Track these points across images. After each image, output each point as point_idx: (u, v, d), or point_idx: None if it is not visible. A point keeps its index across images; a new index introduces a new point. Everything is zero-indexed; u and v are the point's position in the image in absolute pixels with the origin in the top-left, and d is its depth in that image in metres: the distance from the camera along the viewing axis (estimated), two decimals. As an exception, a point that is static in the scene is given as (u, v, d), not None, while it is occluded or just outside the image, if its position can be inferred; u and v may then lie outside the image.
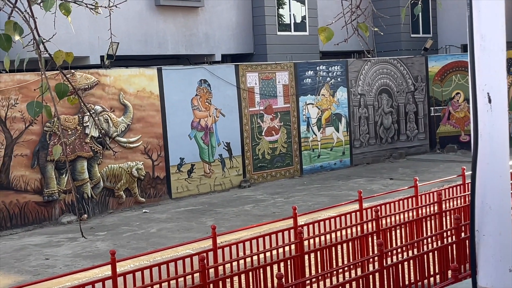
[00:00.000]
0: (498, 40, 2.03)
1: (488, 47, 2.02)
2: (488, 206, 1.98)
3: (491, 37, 2.01)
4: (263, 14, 20.25)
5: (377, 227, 10.10)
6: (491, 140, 1.99)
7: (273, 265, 8.71)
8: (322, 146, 20.00)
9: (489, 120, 2.00)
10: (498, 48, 2.02)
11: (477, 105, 2.02)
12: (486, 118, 2.01)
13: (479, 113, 2.02)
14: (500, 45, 2.02)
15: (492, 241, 1.98)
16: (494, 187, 1.99)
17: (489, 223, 1.99)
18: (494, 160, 2.00)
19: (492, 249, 1.98)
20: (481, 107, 2.03)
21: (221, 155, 17.63)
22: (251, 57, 20.55)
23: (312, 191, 16.82)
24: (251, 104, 18.30)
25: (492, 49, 2.02)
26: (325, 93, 20.06)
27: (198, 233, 12.62)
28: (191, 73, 17.13)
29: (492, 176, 2.00)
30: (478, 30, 2.02)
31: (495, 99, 2.02)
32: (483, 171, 2.00)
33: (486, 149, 2.00)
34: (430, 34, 24.80)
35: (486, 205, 1.98)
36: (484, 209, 1.98)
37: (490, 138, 1.99)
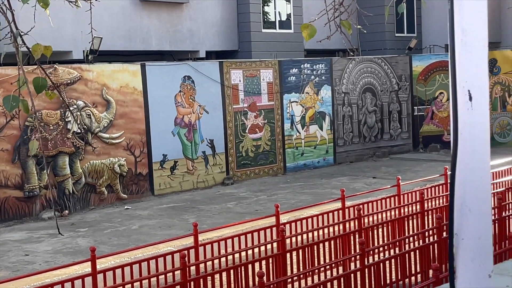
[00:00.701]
0: (480, 35, 1.95)
1: (470, 42, 1.94)
2: (468, 208, 1.89)
3: (472, 31, 1.94)
4: (248, 11, 20.19)
5: (359, 226, 10.10)
6: (472, 140, 1.92)
7: (255, 263, 8.68)
8: (306, 144, 20.00)
9: (469, 119, 1.92)
10: (480, 44, 1.95)
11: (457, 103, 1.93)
12: (467, 117, 1.92)
13: (459, 111, 1.94)
14: (482, 40, 1.95)
15: (472, 245, 1.90)
16: (474, 189, 1.91)
17: (468, 226, 1.91)
18: (475, 161, 1.91)
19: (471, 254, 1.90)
20: (461, 105, 1.94)
21: (204, 152, 17.57)
22: (236, 54, 20.49)
23: (295, 189, 16.81)
24: (235, 101, 18.25)
25: (473, 44, 1.94)
26: (309, 91, 20.05)
27: (180, 230, 12.56)
28: (175, 69, 17.04)
29: (472, 177, 1.91)
30: (459, 25, 1.94)
31: (476, 96, 1.94)
32: (462, 172, 1.91)
33: (466, 149, 1.91)
34: (415, 33, 24.88)
35: (465, 207, 1.90)
36: (463, 211, 1.90)
37: (471, 137, 1.92)
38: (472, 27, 1.94)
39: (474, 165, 1.92)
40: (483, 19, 1.94)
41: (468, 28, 1.93)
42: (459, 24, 1.93)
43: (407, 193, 12.49)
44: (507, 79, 22.85)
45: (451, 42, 1.94)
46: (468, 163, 1.91)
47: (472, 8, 1.91)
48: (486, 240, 1.90)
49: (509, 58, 22.87)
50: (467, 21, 1.93)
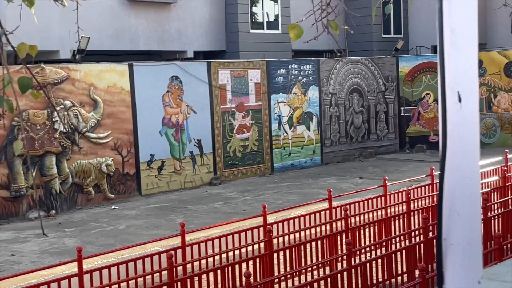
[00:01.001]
0: (470, 35, 1.88)
1: (459, 41, 1.88)
2: (457, 213, 1.86)
3: (462, 31, 1.89)
4: (236, 12, 20.21)
5: (346, 226, 10.15)
6: (461, 142, 1.87)
7: (242, 263, 8.70)
8: (293, 144, 20.04)
9: (459, 121, 1.88)
10: (470, 43, 1.88)
11: (446, 105, 1.89)
12: (456, 118, 1.88)
13: (448, 113, 1.87)
14: (472, 39, 1.88)
15: (461, 250, 1.86)
16: (463, 193, 1.87)
17: (457, 231, 1.86)
18: (464, 164, 1.87)
19: (460, 259, 1.86)
20: (450, 107, 1.88)
21: (192, 152, 17.56)
22: (224, 54, 20.50)
23: (282, 189, 16.84)
24: (223, 102, 18.26)
25: (463, 44, 1.89)
26: (296, 92, 20.10)
27: (167, 230, 12.55)
28: (162, 69, 17.03)
29: (461, 180, 1.86)
30: (448, 24, 1.88)
31: (466, 98, 1.88)
32: (451, 175, 1.88)
33: (455, 152, 1.87)
34: (401, 35, 24.99)
35: (454, 211, 1.86)
36: (452, 216, 1.87)
37: (460, 139, 1.87)
38: (461, 27, 1.87)
39: (463, 168, 1.88)
40: (473, 18, 1.87)
41: (458, 27, 1.87)
42: (448, 23, 1.87)
43: (394, 193, 12.56)
44: (493, 80, 23.01)
45: (440, 41, 1.90)
46: (457, 166, 1.87)
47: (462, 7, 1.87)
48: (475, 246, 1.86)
49: (495, 60, 23.03)
50: (456, 20, 1.88)
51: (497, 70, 22.98)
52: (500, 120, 23.12)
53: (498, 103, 23.13)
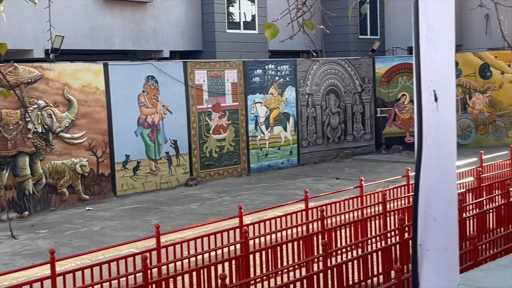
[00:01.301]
0: (446, 31, 1.79)
1: (436, 39, 1.78)
2: (433, 218, 1.76)
3: (439, 28, 1.78)
4: (213, 11, 20.12)
5: (322, 227, 10.12)
6: (437, 144, 1.77)
7: (218, 265, 8.62)
8: (270, 145, 20.00)
9: (435, 121, 1.78)
10: (447, 40, 1.79)
11: (422, 104, 1.77)
12: (432, 119, 1.78)
13: (424, 113, 1.77)
14: (449, 36, 1.79)
15: (437, 257, 1.76)
16: (439, 197, 1.77)
17: (433, 237, 1.76)
18: (440, 166, 1.77)
19: (436, 266, 1.76)
20: (426, 107, 1.78)
21: (167, 152, 17.44)
22: (200, 54, 20.40)
23: (259, 190, 16.79)
24: (199, 102, 18.15)
25: (440, 41, 1.78)
26: (273, 92, 20.06)
27: (143, 231, 12.43)
28: (138, 69, 16.88)
29: (437, 184, 1.77)
30: (424, 20, 1.78)
31: (442, 97, 1.78)
32: (427, 178, 1.78)
33: (431, 153, 1.77)
34: (378, 36, 25.09)
35: (430, 216, 1.76)
36: (428, 221, 1.77)
37: (436, 141, 1.77)
38: (438, 23, 1.77)
39: (440, 171, 1.78)
40: (449, 14, 1.78)
41: (434, 24, 1.77)
42: (424, 20, 1.77)
43: (370, 194, 12.57)
44: (468, 81, 23.19)
45: (416, 39, 1.79)
46: (433, 168, 1.77)
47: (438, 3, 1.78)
48: (452, 252, 1.77)
49: (470, 61, 23.21)
50: (432, 16, 1.78)
51: (472, 71, 23.16)
52: (475, 121, 23.31)
53: (473, 104, 23.31)
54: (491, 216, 10.74)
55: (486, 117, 23.31)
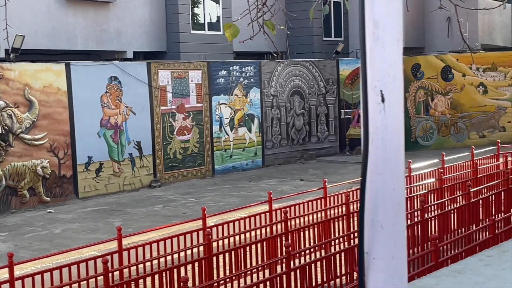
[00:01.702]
0: (394, 28, 1.69)
1: (382, 36, 1.68)
2: (380, 224, 1.67)
3: (386, 24, 1.69)
4: (177, 12, 20.00)
5: (285, 229, 10.11)
6: (384, 147, 1.68)
7: (180, 267, 8.54)
8: (235, 146, 19.96)
9: (382, 123, 1.69)
10: (394, 38, 1.69)
11: (368, 105, 1.69)
12: (379, 120, 1.69)
13: (370, 114, 1.69)
14: (396, 34, 1.70)
15: (384, 265, 1.68)
16: (386, 202, 1.69)
17: (380, 244, 1.68)
18: (387, 170, 1.69)
19: (383, 275, 1.68)
20: (372, 107, 1.69)
21: (131, 154, 17.27)
22: (164, 55, 20.26)
23: (223, 191, 16.73)
24: (163, 103, 18.03)
25: (386, 38, 1.69)
26: (238, 93, 20.03)
27: (105, 234, 12.28)
28: (101, 69, 16.68)
29: (384, 189, 1.68)
30: (370, 16, 1.69)
31: (390, 98, 1.69)
32: (374, 183, 1.69)
33: (378, 156, 1.69)
34: (342, 37, 25.24)
35: (377, 223, 1.68)
36: (374, 227, 1.68)
37: (383, 144, 1.68)
38: (385, 19, 1.68)
39: (387, 175, 1.68)
40: (397, 10, 1.69)
41: (381, 20, 1.68)
42: (370, 16, 1.68)
43: (333, 195, 12.61)
44: (430, 83, 23.48)
45: (361, 36, 1.71)
46: (380, 172, 1.68)
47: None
48: (400, 260, 1.69)
49: (432, 63, 23.50)
50: (379, 12, 1.68)
51: (434, 73, 23.46)
52: (437, 123, 23.61)
53: (435, 106, 23.61)
54: (453, 217, 10.86)
55: (448, 119, 23.62)
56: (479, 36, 25.09)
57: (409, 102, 23.39)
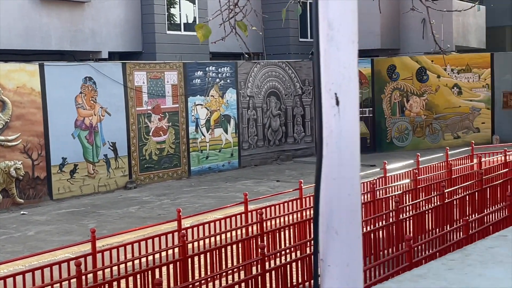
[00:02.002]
0: (348, 29, 1.65)
1: (337, 37, 1.65)
2: (334, 230, 1.64)
3: (340, 25, 1.65)
4: (153, 12, 19.90)
5: (261, 230, 10.10)
6: (339, 151, 1.65)
7: (155, 269, 8.48)
8: (211, 147, 19.90)
9: (337, 127, 1.65)
10: (349, 39, 1.66)
11: (322, 108, 1.65)
12: (333, 124, 1.65)
13: (324, 117, 1.65)
14: (351, 35, 1.66)
15: (339, 272, 1.64)
16: (341, 208, 1.65)
17: (335, 251, 1.64)
18: (342, 175, 1.65)
19: (338, 283, 1.64)
20: (327, 111, 1.65)
21: (106, 155, 17.13)
22: (140, 55, 20.14)
23: (199, 192, 16.67)
24: (139, 104, 17.91)
25: (341, 39, 1.65)
26: (214, 94, 19.98)
27: (79, 236, 12.16)
28: (75, 70, 16.53)
29: (339, 194, 1.65)
30: (324, 16, 1.64)
31: (344, 101, 1.65)
32: (328, 188, 1.64)
33: (333, 161, 1.65)
34: (318, 39, 25.26)
35: (331, 229, 1.64)
36: (329, 234, 1.64)
37: (338, 148, 1.65)
38: (339, 20, 1.64)
39: (342, 180, 1.64)
40: (352, 10, 1.65)
41: (335, 21, 1.63)
42: (324, 16, 1.63)
43: (309, 196, 12.61)
44: (405, 85, 23.63)
45: (315, 36, 1.65)
46: (335, 178, 1.63)
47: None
48: (355, 267, 1.65)
49: (407, 65, 23.66)
50: (333, 12, 1.64)
51: (409, 75, 23.61)
52: (412, 124, 23.77)
53: (410, 107, 23.76)
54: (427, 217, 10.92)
55: (423, 120, 23.79)
56: (453, 38, 25.31)
57: (385, 103, 23.52)
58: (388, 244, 9.92)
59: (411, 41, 24.98)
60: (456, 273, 1.65)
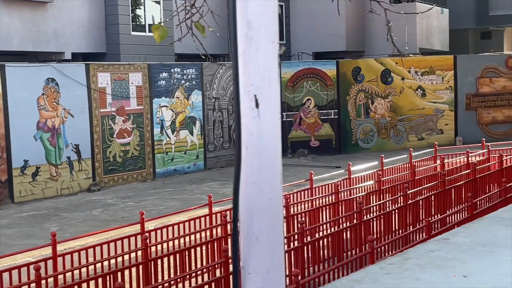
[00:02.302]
0: (268, 29, 1.61)
1: (256, 37, 1.60)
2: (255, 236, 1.59)
3: (259, 25, 1.60)
4: (117, 13, 19.71)
5: (225, 232, 10.05)
6: (260, 154, 1.60)
7: (117, 273, 8.36)
8: (176, 149, 19.78)
9: (257, 129, 1.60)
10: (269, 40, 1.61)
11: (241, 111, 1.60)
12: (253, 127, 1.60)
13: (243, 120, 1.60)
14: (271, 35, 1.61)
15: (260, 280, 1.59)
16: (262, 214, 1.60)
17: (255, 258, 1.59)
18: (263, 179, 1.60)
19: None
20: (246, 113, 1.60)
21: (69, 157, 16.90)
22: (104, 56, 19.93)
23: (164, 195, 16.56)
24: (102, 105, 17.72)
25: (261, 40, 1.61)
26: (179, 96, 19.87)
27: (41, 239, 11.96)
28: (37, 71, 16.28)
29: (260, 199, 1.60)
30: (243, 16, 1.59)
31: (265, 103, 1.61)
32: (248, 192, 1.60)
33: (253, 165, 1.60)
34: (284, 41, 25.36)
35: (252, 235, 1.60)
36: (250, 240, 1.59)
37: (258, 151, 1.60)
38: (259, 20, 1.59)
39: (263, 185, 1.59)
40: (272, 10, 1.60)
41: (254, 21, 1.58)
42: (243, 15, 1.58)
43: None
44: (370, 87, 23.81)
45: (233, 37, 1.58)
46: (255, 182, 1.59)
47: None
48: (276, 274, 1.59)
49: (372, 67, 23.84)
50: (252, 12, 1.58)
51: (374, 77, 23.80)
52: (377, 125, 23.95)
53: (375, 109, 23.95)
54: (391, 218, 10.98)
55: (387, 121, 23.99)
56: (417, 40, 25.60)
57: (350, 105, 23.67)
58: (353, 246, 9.96)
59: (375, 44, 25.18)
60: (393, 277, 1.62)
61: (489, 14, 31.68)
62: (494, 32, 33.79)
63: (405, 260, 1.74)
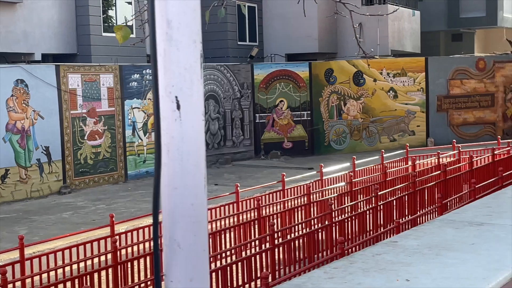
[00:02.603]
0: (190, 28, 1.56)
1: (177, 37, 1.55)
2: (177, 243, 1.54)
3: (180, 24, 1.55)
4: (87, 14, 19.52)
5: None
6: (181, 158, 1.55)
7: (86, 276, 8.27)
8: (148, 151, 19.65)
9: (178, 132, 1.55)
10: (190, 39, 1.56)
11: (161, 113, 1.54)
12: (175, 130, 1.55)
13: (163, 123, 1.54)
14: (192, 34, 1.56)
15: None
16: (184, 219, 1.56)
17: (178, 266, 1.54)
18: (186, 184, 1.56)
19: None
20: (166, 115, 1.55)
21: (39, 159, 16.69)
22: (74, 57, 19.72)
23: (136, 197, 16.43)
24: (73, 107, 17.53)
25: (181, 39, 1.55)
26: (151, 97, 19.71)
27: (10, 243, 11.76)
28: (6, 72, 16.05)
29: (182, 204, 1.55)
30: (163, 14, 1.53)
31: (186, 104, 1.56)
32: (170, 198, 1.55)
33: (175, 169, 1.55)
34: (257, 42, 25.36)
35: (174, 242, 1.55)
36: (172, 247, 1.54)
37: (180, 155, 1.55)
38: (179, 18, 1.54)
39: (185, 190, 1.55)
40: (193, 9, 1.56)
41: (174, 19, 1.53)
42: (162, 14, 1.52)
43: (246, 200, 12.58)
44: (343, 88, 23.90)
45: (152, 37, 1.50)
46: (177, 187, 1.54)
47: None
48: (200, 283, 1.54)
49: (344, 69, 23.94)
50: (172, 10, 1.53)
51: (346, 78, 23.89)
52: (350, 127, 24.05)
53: (347, 111, 24.04)
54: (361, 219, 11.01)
55: (360, 123, 24.11)
56: (389, 42, 25.77)
57: (323, 107, 23.74)
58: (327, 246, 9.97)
59: (348, 45, 25.28)
60: (336, 282, 1.59)
61: (460, 16, 32.02)
62: (465, 34, 34.16)
63: (350, 264, 1.72)
